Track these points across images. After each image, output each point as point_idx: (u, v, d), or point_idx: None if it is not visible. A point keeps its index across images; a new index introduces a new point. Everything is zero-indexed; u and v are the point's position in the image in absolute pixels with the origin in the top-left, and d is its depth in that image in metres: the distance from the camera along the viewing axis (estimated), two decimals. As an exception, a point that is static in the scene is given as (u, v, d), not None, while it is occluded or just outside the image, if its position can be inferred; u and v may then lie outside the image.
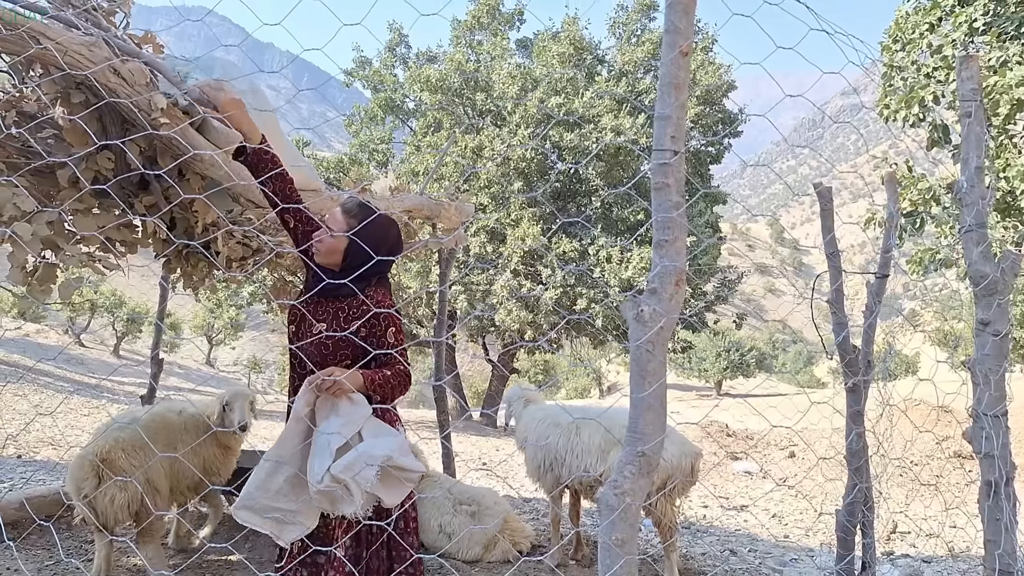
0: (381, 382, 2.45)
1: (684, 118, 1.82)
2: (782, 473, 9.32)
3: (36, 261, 3.03)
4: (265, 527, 2.37)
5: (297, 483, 2.38)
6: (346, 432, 2.34)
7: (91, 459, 3.50)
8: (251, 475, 2.40)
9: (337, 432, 2.32)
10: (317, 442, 2.34)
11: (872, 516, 3.40)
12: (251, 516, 2.37)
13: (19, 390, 10.65)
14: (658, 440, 1.67)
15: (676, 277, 1.74)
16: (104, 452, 3.52)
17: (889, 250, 3.56)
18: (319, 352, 2.53)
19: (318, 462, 2.30)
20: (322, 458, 2.29)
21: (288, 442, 2.40)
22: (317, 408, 2.40)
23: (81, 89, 2.70)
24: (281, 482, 2.39)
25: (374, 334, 2.51)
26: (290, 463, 2.38)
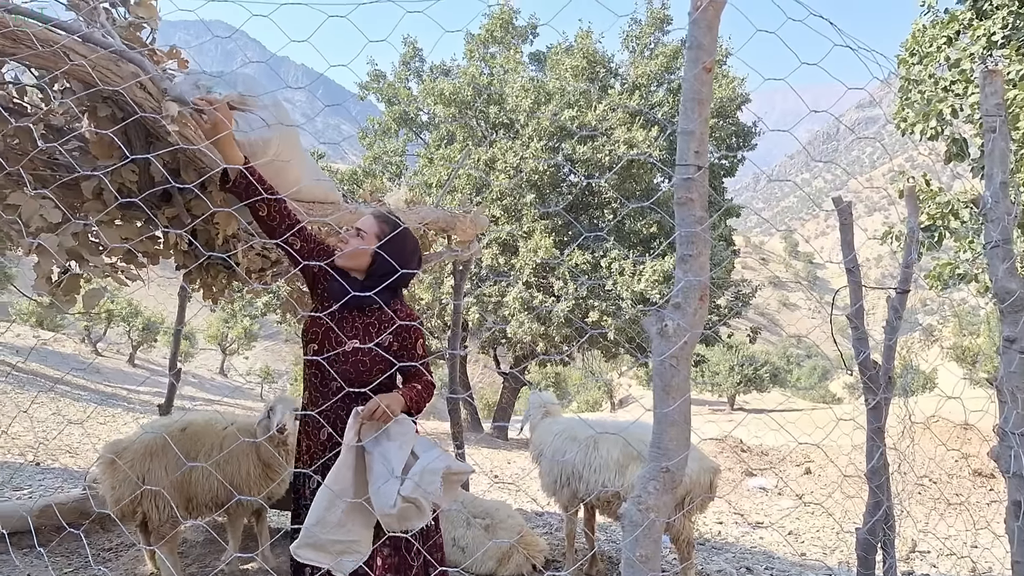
0: (416, 398, 2.48)
1: (707, 133, 1.84)
2: (798, 490, 9.22)
3: (61, 271, 3.07)
4: (326, 561, 2.36)
5: (354, 512, 2.37)
6: (403, 454, 2.39)
7: (105, 455, 3.58)
8: (310, 510, 2.40)
9: (396, 456, 2.38)
10: (376, 469, 2.35)
11: (893, 535, 3.35)
12: (312, 553, 2.35)
13: (37, 398, 10.75)
14: (682, 456, 1.67)
15: (700, 292, 1.75)
16: (115, 450, 3.65)
17: (910, 265, 3.53)
18: (354, 369, 2.49)
19: (386, 487, 2.32)
20: (389, 484, 2.32)
21: (343, 473, 2.38)
22: (363, 434, 2.40)
23: (107, 103, 2.75)
24: (340, 515, 2.37)
25: (405, 347, 2.53)
26: (347, 494, 2.37)
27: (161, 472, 3.66)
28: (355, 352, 2.48)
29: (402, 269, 2.47)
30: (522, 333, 15.22)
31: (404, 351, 2.52)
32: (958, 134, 8.81)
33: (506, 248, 15.94)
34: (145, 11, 3.10)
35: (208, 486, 3.80)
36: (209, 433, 3.89)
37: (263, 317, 23.45)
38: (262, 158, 2.87)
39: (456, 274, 5.66)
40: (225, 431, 3.88)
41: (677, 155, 1.81)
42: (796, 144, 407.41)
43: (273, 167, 2.97)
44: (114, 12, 3.07)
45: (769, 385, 33.63)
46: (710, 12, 1.70)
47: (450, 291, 14.68)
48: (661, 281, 14.23)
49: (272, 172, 2.96)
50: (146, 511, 3.66)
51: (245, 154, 2.82)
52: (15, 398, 10.22)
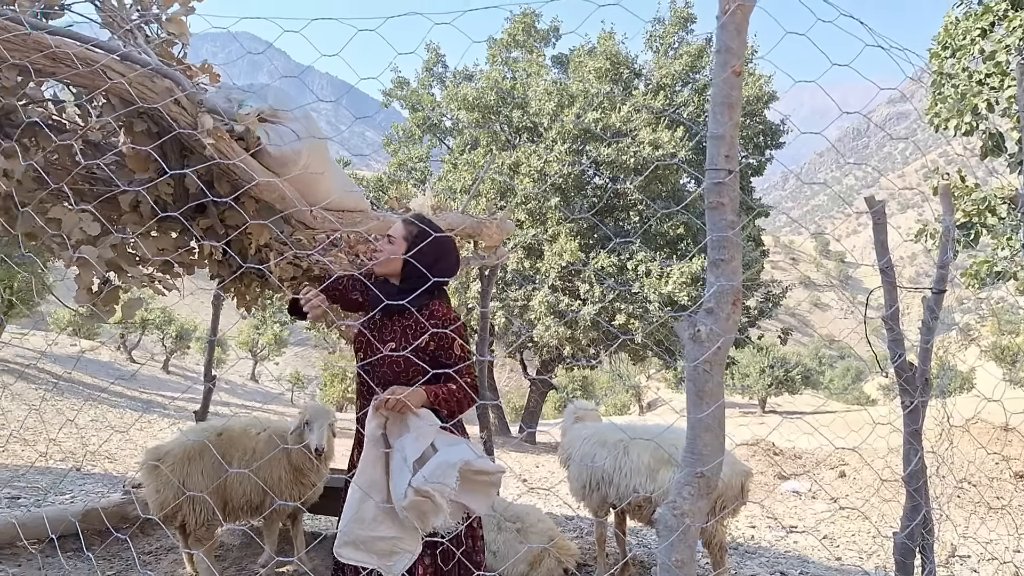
0: (445, 396, 2.45)
1: (737, 137, 1.84)
2: (832, 493, 9.08)
3: (101, 282, 3.16)
4: (371, 562, 2.30)
5: (390, 508, 2.33)
6: (420, 445, 2.33)
7: (148, 460, 3.68)
8: (343, 509, 2.37)
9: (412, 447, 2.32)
10: (394, 460, 2.33)
11: (932, 539, 3.29)
12: (354, 552, 2.30)
13: (75, 405, 11.02)
14: (717, 461, 1.67)
15: (733, 297, 1.75)
16: (156, 455, 3.75)
17: (945, 265, 3.46)
18: (392, 371, 2.53)
19: (398, 479, 2.29)
20: (401, 475, 2.28)
21: (368, 467, 2.37)
22: (388, 429, 2.40)
23: (143, 118, 2.83)
24: (374, 510, 2.32)
25: (442, 347, 2.52)
26: (376, 488, 2.35)
27: (199, 476, 3.75)
28: (393, 356, 2.52)
29: (435, 268, 2.50)
30: (548, 337, 15.21)
31: (441, 351, 2.52)
32: (994, 128, 8.60)
33: (531, 252, 15.95)
34: (176, 27, 3.18)
35: (243, 490, 3.87)
36: (244, 438, 3.96)
37: (293, 323, 23.75)
38: (293, 169, 2.92)
39: (483, 279, 5.68)
40: (259, 436, 3.95)
41: (707, 159, 1.82)
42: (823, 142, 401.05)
43: (304, 179, 3.02)
44: (147, 29, 3.16)
45: (801, 387, 33.10)
46: (738, 16, 1.70)
47: (476, 296, 14.73)
48: (689, 283, 14.13)
49: (303, 183, 3.02)
50: (184, 515, 3.74)
51: (276, 166, 2.88)
52: (55, 404, 10.49)
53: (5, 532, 4.15)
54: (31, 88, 2.84)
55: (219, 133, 2.64)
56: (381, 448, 2.38)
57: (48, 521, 4.22)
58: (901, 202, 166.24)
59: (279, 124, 2.84)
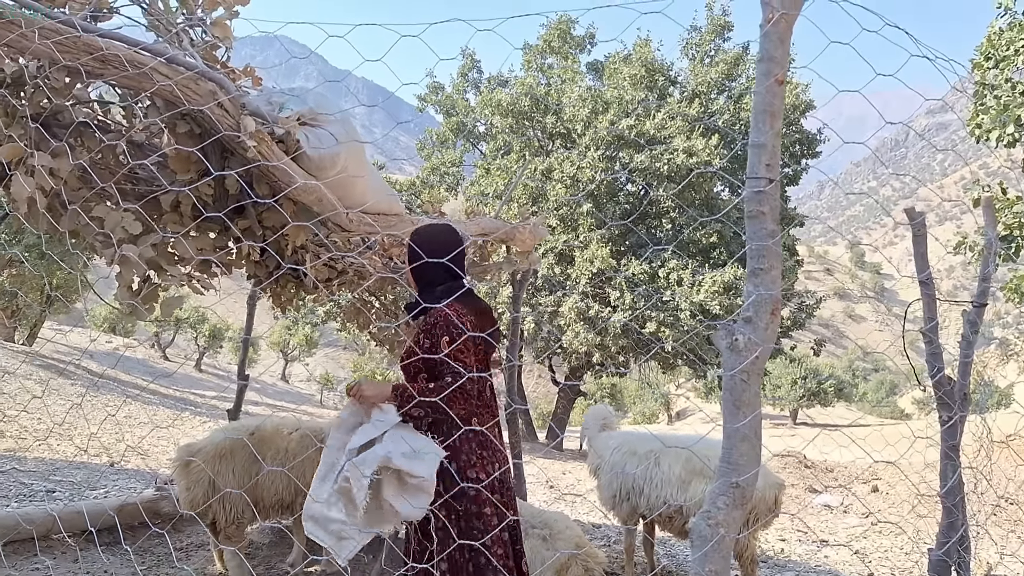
0: (410, 394, 2.39)
1: (779, 146, 1.82)
2: (865, 508, 8.89)
3: (141, 281, 3.21)
4: (327, 541, 2.35)
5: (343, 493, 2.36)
6: (366, 435, 2.36)
7: (181, 457, 3.77)
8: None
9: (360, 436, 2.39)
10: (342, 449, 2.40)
11: (968, 557, 3.21)
12: (315, 528, 2.37)
13: (111, 401, 11.25)
14: (753, 472, 1.65)
15: (772, 306, 1.73)
16: (189, 452, 3.84)
17: (987, 278, 3.38)
18: (404, 375, 2.65)
19: (335, 466, 2.38)
20: (338, 462, 2.37)
21: (332, 451, 2.44)
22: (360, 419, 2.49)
23: (186, 120, 2.88)
24: (330, 490, 2.37)
25: (436, 344, 2.52)
26: (333, 472, 2.42)
27: (230, 475, 3.80)
28: (402, 360, 2.63)
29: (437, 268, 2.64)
30: (578, 344, 15.15)
31: (434, 349, 2.51)
32: (1036, 140, 8.40)
33: (562, 258, 15.91)
34: (221, 31, 3.24)
35: (274, 489, 3.91)
36: (276, 438, 4.00)
37: (324, 325, 24.03)
38: (331, 172, 2.95)
39: (514, 284, 5.68)
40: (291, 436, 3.99)
41: (747, 168, 1.80)
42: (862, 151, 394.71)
43: (341, 182, 3.05)
44: (192, 32, 3.22)
45: (834, 399, 32.49)
46: (782, 25, 1.68)
47: (506, 300, 14.74)
48: (721, 292, 13.97)
49: (340, 187, 3.04)
50: (215, 512, 3.79)
51: (314, 169, 2.91)
52: (91, 400, 10.72)
53: (42, 525, 4.24)
54: (78, 89, 2.90)
55: (261, 136, 2.67)
56: (343, 433, 2.46)
57: (85, 515, 4.31)
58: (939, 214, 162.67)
59: (318, 127, 2.87)
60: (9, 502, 5.13)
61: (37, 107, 2.70)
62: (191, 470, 3.81)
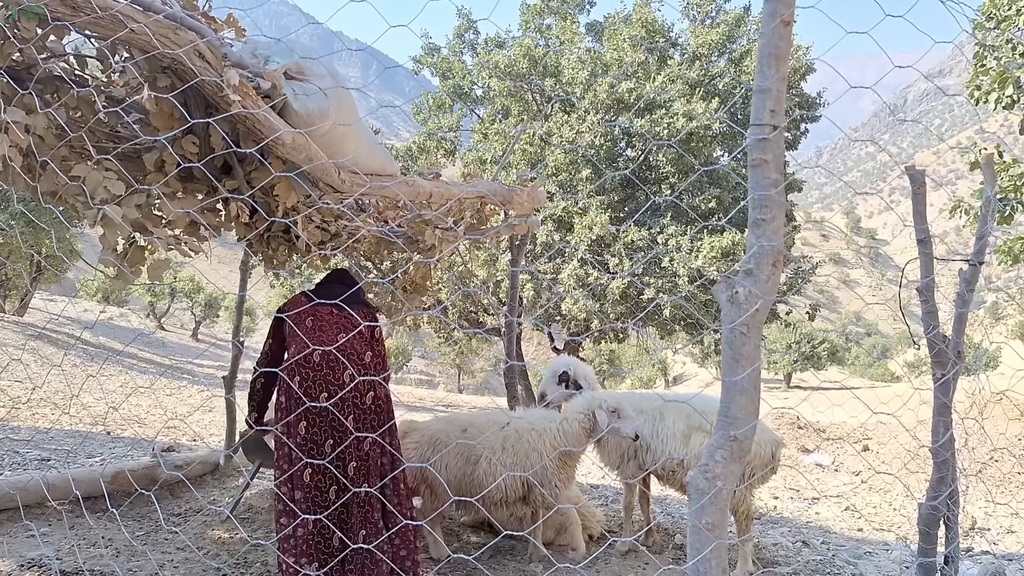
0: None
1: (784, 91, 1.73)
2: (856, 467, 9.00)
3: (126, 243, 3.10)
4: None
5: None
6: None
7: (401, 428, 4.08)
8: None
9: None
10: None
11: (957, 510, 3.24)
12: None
13: (105, 371, 11.20)
14: (751, 425, 1.61)
15: (774, 258, 1.67)
16: (409, 426, 4.17)
17: (984, 235, 3.32)
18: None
19: None
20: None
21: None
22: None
23: (167, 73, 2.74)
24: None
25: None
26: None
27: (440, 464, 3.96)
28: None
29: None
30: (576, 310, 15.09)
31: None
32: (1037, 102, 8.28)
33: (561, 224, 15.77)
34: (203, -20, 3.08)
35: (486, 485, 3.95)
36: (488, 435, 4.06)
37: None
38: (321, 128, 2.82)
39: (513, 248, 5.57)
40: (504, 432, 4.05)
41: (752, 114, 1.73)
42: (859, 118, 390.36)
43: (331, 139, 2.92)
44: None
45: (827, 363, 32.79)
46: (792, -39, 1.57)
47: (505, 267, 14.65)
48: (719, 258, 13.88)
49: (330, 144, 2.92)
50: (423, 493, 4.07)
51: (302, 124, 2.78)
52: (84, 369, 10.67)
53: (35, 493, 4.19)
54: (52, 42, 2.76)
55: (246, 89, 2.54)
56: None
57: (76, 482, 4.26)
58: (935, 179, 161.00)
59: (306, 81, 2.73)
60: (3, 470, 5.09)
61: (7, 59, 2.56)
62: (404, 445, 4.00)
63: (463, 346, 26.52)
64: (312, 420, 3.17)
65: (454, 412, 4.70)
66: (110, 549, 3.82)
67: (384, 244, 4.39)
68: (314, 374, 3.21)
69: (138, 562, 3.63)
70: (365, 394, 3.27)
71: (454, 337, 19.43)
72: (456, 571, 3.90)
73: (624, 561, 4.38)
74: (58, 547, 3.72)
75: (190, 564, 3.72)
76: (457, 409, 17.25)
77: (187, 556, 3.81)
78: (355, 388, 3.22)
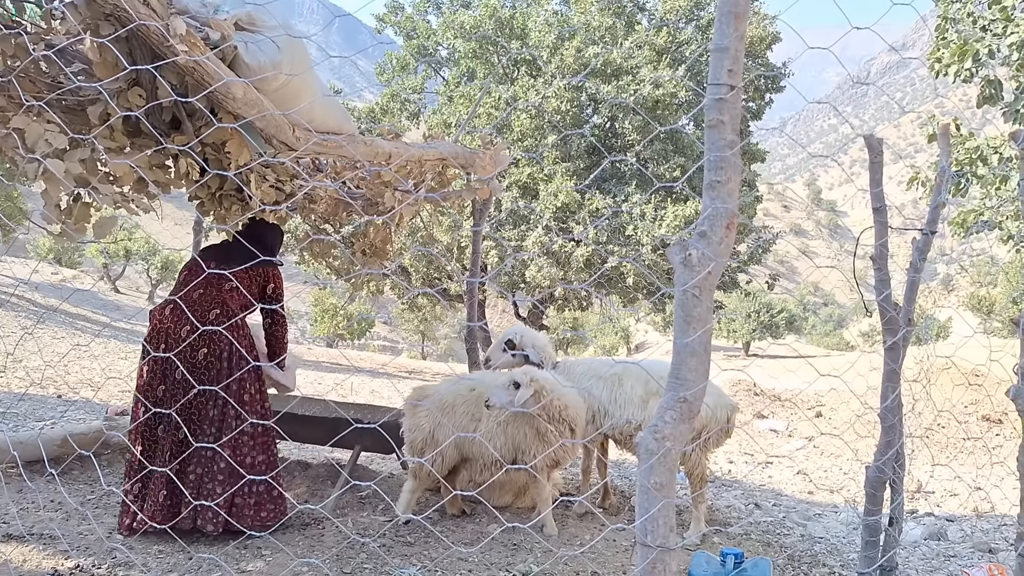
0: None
1: (742, 51, 1.72)
2: (809, 432, 9.30)
3: (70, 200, 2.99)
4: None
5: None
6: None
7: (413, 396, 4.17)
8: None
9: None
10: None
11: (903, 473, 3.37)
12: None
13: (57, 333, 10.91)
14: (701, 386, 1.64)
15: (727, 220, 1.68)
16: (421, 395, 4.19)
17: (939, 206, 3.40)
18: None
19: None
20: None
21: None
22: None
23: (110, 21, 2.61)
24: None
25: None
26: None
27: (449, 428, 3.95)
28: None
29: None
30: (540, 278, 15.13)
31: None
32: (993, 76, 8.44)
33: (526, 191, 15.70)
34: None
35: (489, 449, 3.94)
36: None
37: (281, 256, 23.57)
38: (274, 83, 2.74)
39: (475, 213, 5.53)
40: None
41: (710, 74, 1.71)
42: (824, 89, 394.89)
43: (286, 94, 2.84)
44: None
45: (784, 332, 33.58)
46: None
47: (469, 234, 14.58)
48: (682, 226, 14.01)
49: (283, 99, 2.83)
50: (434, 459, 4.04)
51: (254, 78, 2.69)
52: (36, 334, 10.38)
53: (-17, 455, 4.09)
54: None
55: (193, 39, 2.44)
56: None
57: (24, 445, 4.16)
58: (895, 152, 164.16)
59: (257, 34, 2.64)
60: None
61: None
62: (417, 413, 4.06)
63: (427, 312, 26.47)
64: (152, 367, 3.47)
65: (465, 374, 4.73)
66: (59, 513, 3.75)
67: (343, 206, 4.31)
68: (161, 325, 3.50)
69: (88, 526, 3.58)
70: (198, 350, 3.47)
71: (417, 303, 19.35)
72: (414, 533, 3.93)
73: (581, 523, 4.47)
74: (4, 511, 3.65)
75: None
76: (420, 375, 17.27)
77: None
78: (189, 343, 3.43)
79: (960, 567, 4.18)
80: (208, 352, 3.49)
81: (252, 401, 3.63)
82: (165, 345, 3.45)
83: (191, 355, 3.46)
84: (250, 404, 3.62)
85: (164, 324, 3.50)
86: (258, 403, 3.67)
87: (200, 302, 3.53)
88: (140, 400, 3.48)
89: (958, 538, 4.97)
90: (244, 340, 3.61)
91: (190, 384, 3.40)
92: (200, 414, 3.49)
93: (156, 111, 2.92)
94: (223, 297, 3.57)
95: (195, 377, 3.43)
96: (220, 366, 3.50)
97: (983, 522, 5.57)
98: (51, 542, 3.34)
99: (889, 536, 3.28)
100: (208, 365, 3.49)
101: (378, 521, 4.10)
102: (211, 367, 3.49)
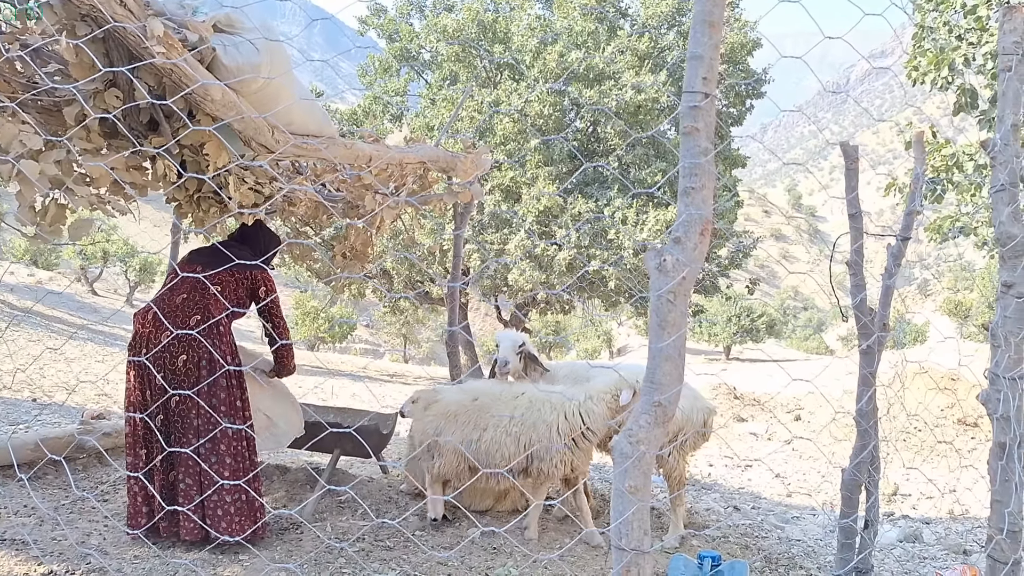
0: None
1: (717, 59, 1.74)
2: (787, 435, 9.40)
3: (45, 201, 2.96)
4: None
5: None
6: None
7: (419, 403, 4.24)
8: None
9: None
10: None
11: (878, 476, 3.42)
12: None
13: (33, 335, 10.75)
14: (675, 390, 1.65)
15: (701, 226, 1.70)
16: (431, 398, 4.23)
17: (912, 212, 3.46)
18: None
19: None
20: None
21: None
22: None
23: (87, 22, 2.59)
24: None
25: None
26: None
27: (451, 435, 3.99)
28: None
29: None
30: (523, 281, 15.14)
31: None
32: (968, 84, 8.60)
33: (509, 195, 15.71)
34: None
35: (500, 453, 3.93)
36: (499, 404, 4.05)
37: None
38: (253, 85, 2.73)
39: (457, 216, 5.54)
40: (518, 401, 4.01)
41: (685, 82, 1.73)
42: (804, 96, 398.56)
43: (265, 96, 2.83)
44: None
45: (765, 336, 33.87)
46: (729, -75, 1.58)
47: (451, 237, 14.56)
48: (663, 231, 14.09)
49: (262, 101, 2.82)
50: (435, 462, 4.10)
51: (233, 81, 2.68)
52: (10, 335, 10.21)
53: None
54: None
55: (170, 41, 2.43)
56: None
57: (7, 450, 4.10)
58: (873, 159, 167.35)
59: (236, 34, 2.63)
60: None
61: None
62: (426, 416, 4.12)
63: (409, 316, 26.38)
64: (137, 373, 3.45)
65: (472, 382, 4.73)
66: (32, 518, 3.70)
67: (323, 209, 4.30)
68: (143, 330, 3.49)
69: (63, 531, 3.54)
70: (177, 356, 3.44)
71: (400, 306, 19.28)
72: (393, 537, 3.92)
73: (561, 526, 4.48)
74: (-24, 516, 3.59)
75: (117, 533, 3.64)
76: (402, 379, 17.20)
77: (114, 525, 3.73)
78: (168, 349, 3.42)
79: (934, 569, 4.24)
80: (187, 359, 3.46)
81: (233, 411, 3.57)
82: (147, 350, 3.44)
83: (170, 362, 3.44)
84: (232, 414, 3.56)
85: (146, 329, 3.49)
86: (239, 412, 3.62)
87: (182, 307, 3.51)
88: (130, 404, 3.49)
89: (933, 540, 5.04)
90: (225, 347, 3.56)
91: (169, 392, 3.39)
92: (184, 422, 3.48)
93: (133, 112, 2.90)
94: (206, 303, 3.54)
95: (174, 384, 3.40)
96: (199, 374, 3.46)
97: (957, 524, 5.66)
98: (23, 548, 3.29)
99: (864, 538, 3.33)
100: (187, 372, 3.46)
101: (357, 526, 4.09)
102: (190, 374, 3.46)
